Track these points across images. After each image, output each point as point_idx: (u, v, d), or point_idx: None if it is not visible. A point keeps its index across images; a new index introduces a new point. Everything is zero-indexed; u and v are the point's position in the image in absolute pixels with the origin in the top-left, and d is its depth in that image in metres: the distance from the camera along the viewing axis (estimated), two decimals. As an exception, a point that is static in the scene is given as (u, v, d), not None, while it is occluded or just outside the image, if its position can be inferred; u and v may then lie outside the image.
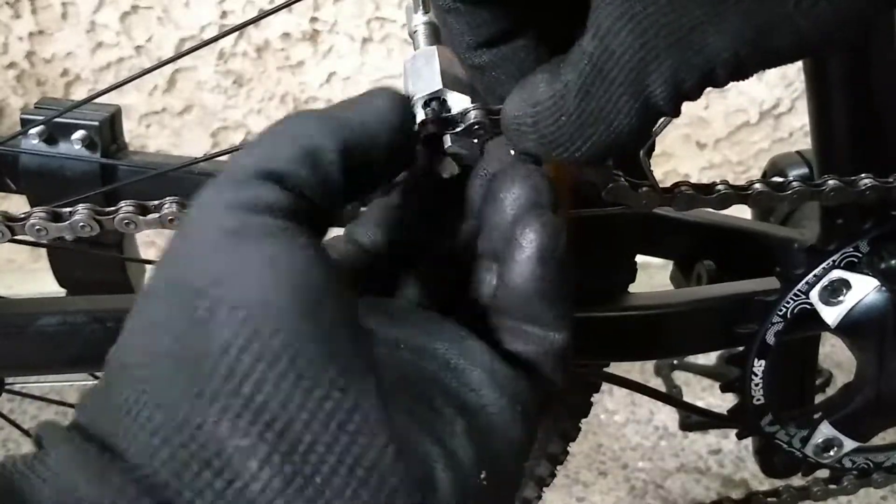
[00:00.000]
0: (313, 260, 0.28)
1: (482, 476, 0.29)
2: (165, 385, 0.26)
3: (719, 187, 0.45)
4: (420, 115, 0.36)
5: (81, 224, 0.42)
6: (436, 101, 0.36)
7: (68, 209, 0.42)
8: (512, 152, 0.35)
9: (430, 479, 0.27)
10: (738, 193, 0.45)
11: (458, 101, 0.36)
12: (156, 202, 0.42)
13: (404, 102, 0.33)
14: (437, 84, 0.36)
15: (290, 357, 0.25)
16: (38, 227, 0.41)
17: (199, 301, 0.26)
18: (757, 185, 0.45)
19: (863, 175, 0.48)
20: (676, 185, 0.44)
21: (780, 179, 0.46)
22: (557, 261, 0.32)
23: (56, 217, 0.42)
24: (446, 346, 0.32)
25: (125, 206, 0.42)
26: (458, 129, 0.35)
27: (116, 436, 0.26)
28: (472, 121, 0.35)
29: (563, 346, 0.33)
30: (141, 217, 0.42)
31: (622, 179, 0.42)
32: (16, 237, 0.42)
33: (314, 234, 0.29)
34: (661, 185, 0.45)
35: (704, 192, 0.45)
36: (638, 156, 0.49)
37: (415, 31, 0.39)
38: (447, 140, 0.35)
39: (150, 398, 0.26)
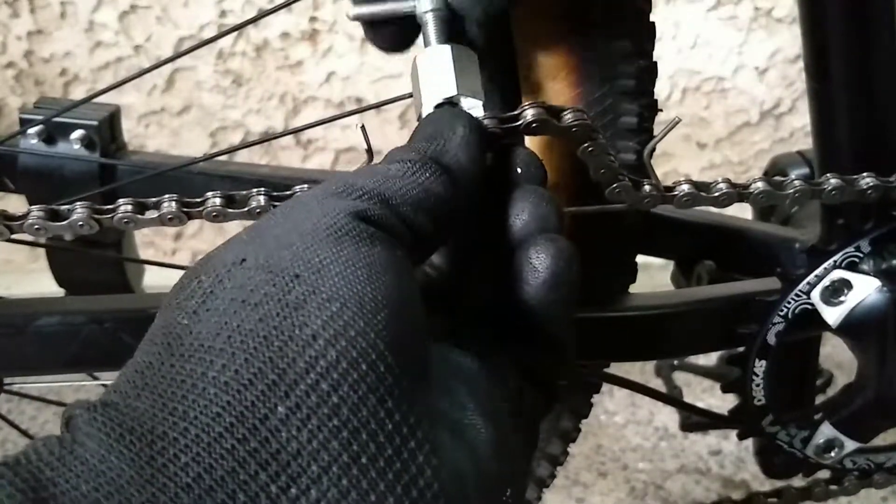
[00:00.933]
0: (407, 272, 0.28)
1: (507, 494, 0.28)
2: (239, 365, 0.24)
3: (720, 186, 0.44)
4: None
5: (80, 223, 0.41)
6: (448, 104, 0.35)
7: (67, 207, 0.42)
8: (519, 169, 0.35)
9: (461, 478, 0.26)
10: (740, 192, 0.45)
11: (471, 107, 0.36)
12: (154, 199, 0.42)
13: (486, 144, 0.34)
14: (452, 89, 0.36)
15: (370, 361, 0.25)
16: (36, 225, 0.41)
17: (296, 286, 0.26)
18: (758, 184, 0.45)
19: (864, 174, 0.48)
20: (678, 183, 0.44)
21: (782, 178, 0.46)
22: (570, 285, 0.33)
23: (55, 216, 0.42)
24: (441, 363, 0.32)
25: (124, 205, 0.42)
26: None
27: (166, 420, 0.24)
28: (489, 130, 0.35)
29: (561, 364, 0.34)
30: (139, 216, 0.41)
31: (625, 178, 0.42)
32: (14, 236, 0.42)
33: (410, 257, 0.29)
34: (662, 184, 0.45)
35: (705, 191, 0.44)
36: (642, 155, 0.49)
37: (424, 20, 0.38)
38: None
39: (218, 376, 0.24)
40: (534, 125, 0.37)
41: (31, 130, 0.61)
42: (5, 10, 1.16)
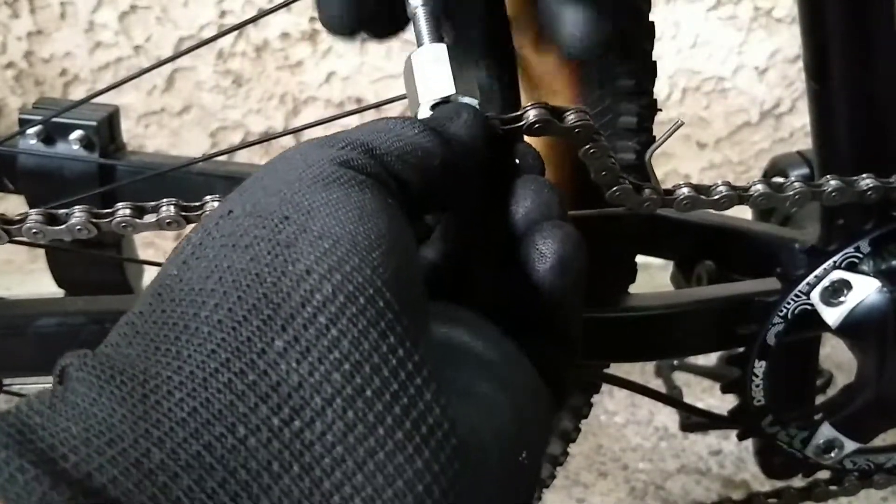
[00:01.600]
0: (399, 217, 0.28)
1: (523, 455, 0.28)
2: (232, 303, 0.24)
3: (720, 188, 0.44)
4: (425, 116, 0.35)
5: (78, 227, 0.41)
6: (445, 104, 0.35)
7: (65, 211, 0.42)
8: (518, 160, 0.35)
9: (477, 436, 0.26)
10: (740, 195, 0.45)
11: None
12: (153, 203, 0.42)
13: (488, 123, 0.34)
14: (449, 88, 0.35)
15: (368, 295, 0.24)
16: (34, 229, 0.41)
17: (286, 226, 0.25)
18: (758, 186, 0.45)
19: (864, 175, 0.48)
20: (678, 186, 0.44)
21: (782, 180, 0.46)
22: (578, 271, 0.32)
23: (53, 219, 0.41)
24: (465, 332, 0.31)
25: (122, 209, 0.42)
26: None
27: (159, 361, 0.23)
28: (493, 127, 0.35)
29: (571, 358, 0.33)
30: (138, 220, 0.41)
31: (626, 181, 0.42)
32: (13, 239, 0.42)
33: (401, 205, 0.29)
34: (662, 187, 0.45)
35: (705, 194, 0.44)
36: (642, 155, 0.49)
37: (414, 16, 0.37)
38: None
39: (210, 315, 0.23)
40: (536, 126, 0.37)
41: (31, 131, 0.61)
42: (5, 10, 1.16)
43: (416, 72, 0.36)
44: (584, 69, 0.47)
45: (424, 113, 0.35)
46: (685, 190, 0.44)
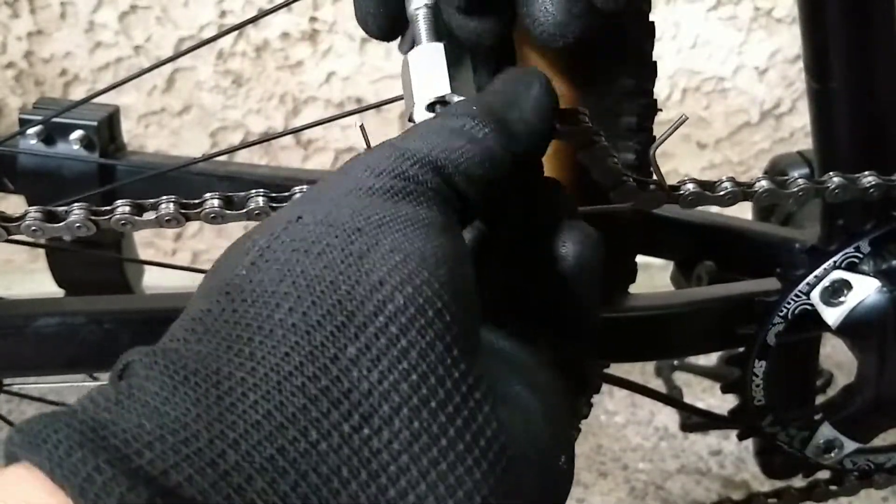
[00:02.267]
0: (461, 237, 0.28)
1: (562, 461, 0.28)
2: (307, 307, 0.24)
3: (725, 184, 0.44)
4: (421, 115, 0.35)
5: (78, 224, 0.41)
6: (440, 104, 0.35)
7: (64, 208, 0.42)
8: None
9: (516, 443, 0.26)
10: (744, 191, 0.45)
11: None
12: (152, 200, 0.42)
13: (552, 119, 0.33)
14: (445, 88, 0.35)
15: (436, 309, 0.25)
16: (34, 227, 0.41)
17: (358, 237, 0.26)
18: (763, 182, 0.45)
19: (866, 172, 0.48)
20: (682, 182, 0.44)
21: (786, 177, 0.46)
22: (597, 271, 0.33)
23: (52, 217, 0.41)
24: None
25: (121, 206, 0.42)
26: None
27: (232, 361, 0.23)
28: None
29: (589, 353, 0.34)
30: (137, 217, 0.41)
31: (630, 179, 0.42)
32: (12, 237, 0.42)
33: (460, 221, 0.29)
34: (667, 184, 0.44)
35: (710, 190, 0.44)
36: (642, 154, 0.49)
37: (415, 16, 0.37)
38: None
39: (285, 319, 0.24)
40: None
41: (31, 131, 0.61)
42: (5, 10, 1.16)
43: (413, 71, 0.36)
44: (584, 68, 0.47)
45: (420, 113, 0.35)
46: (690, 186, 0.44)
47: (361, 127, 0.40)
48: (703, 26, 1.24)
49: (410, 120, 0.36)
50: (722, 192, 0.44)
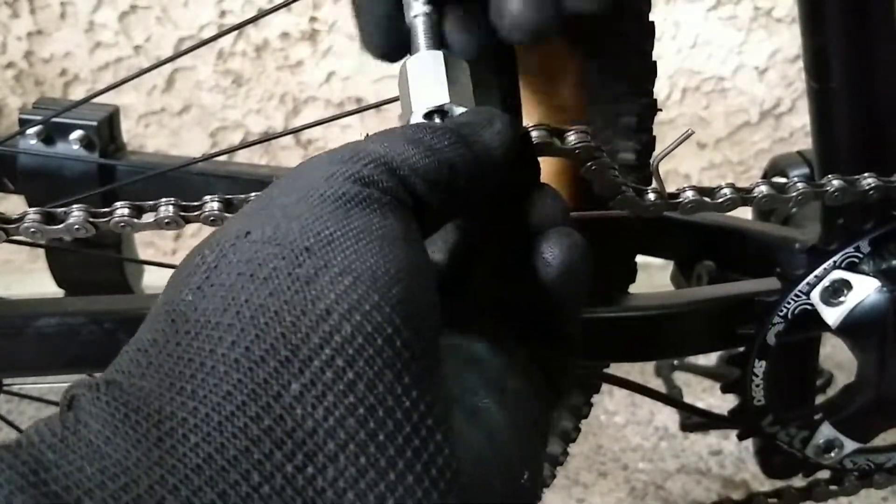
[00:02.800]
0: (419, 244, 0.27)
1: (525, 477, 0.28)
2: (250, 341, 0.23)
3: (724, 191, 0.44)
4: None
5: (76, 226, 0.41)
6: (438, 113, 0.34)
7: (63, 210, 0.41)
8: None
9: (481, 463, 0.26)
10: (743, 196, 0.45)
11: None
12: (151, 203, 0.42)
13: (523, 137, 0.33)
14: (444, 97, 0.34)
15: (386, 336, 0.24)
16: (32, 228, 0.41)
17: (306, 258, 0.25)
18: (762, 188, 0.45)
19: (866, 174, 0.48)
20: (682, 190, 0.44)
21: (785, 180, 0.46)
22: (583, 280, 0.32)
23: (51, 219, 0.41)
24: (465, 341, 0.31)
25: (120, 208, 0.42)
26: None
27: (174, 399, 0.23)
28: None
29: (571, 360, 0.34)
30: (136, 220, 0.41)
31: (629, 189, 0.42)
32: (12, 238, 0.42)
33: (420, 226, 0.29)
34: (666, 191, 0.45)
35: (710, 196, 0.45)
36: (642, 154, 0.49)
37: (414, 23, 0.37)
38: None
39: (228, 354, 0.23)
40: (537, 147, 0.37)
41: (31, 131, 0.61)
42: (5, 10, 1.16)
43: (411, 79, 0.35)
44: (583, 70, 0.47)
45: (417, 121, 0.34)
46: (690, 193, 0.44)
47: (367, 137, 0.40)
48: (703, 26, 1.24)
49: None
50: (721, 199, 0.45)
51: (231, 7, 1.17)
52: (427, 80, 0.35)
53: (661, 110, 0.51)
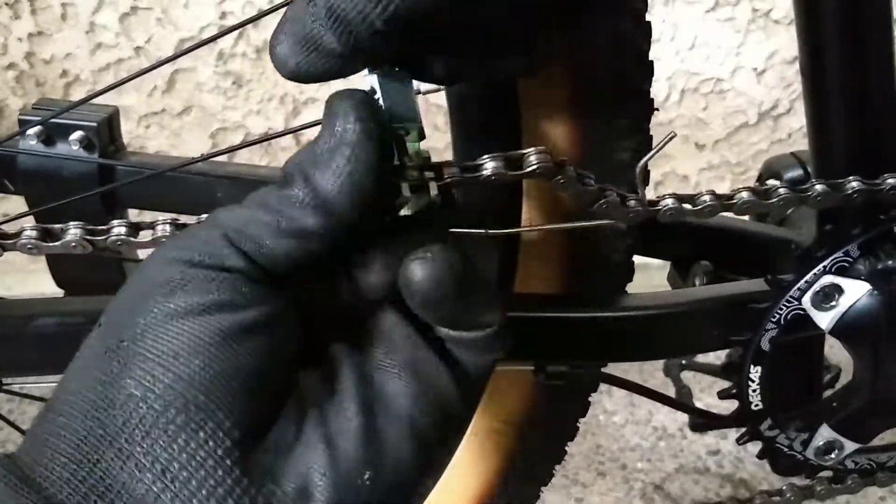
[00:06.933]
0: (242, 326, 0.31)
1: (366, 476, 0.31)
2: (80, 423, 0.30)
3: (704, 198, 0.45)
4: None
5: (73, 244, 0.43)
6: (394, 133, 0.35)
7: (60, 227, 0.43)
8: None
9: (305, 487, 0.30)
10: (723, 203, 0.45)
11: (413, 133, 0.35)
12: (149, 221, 0.43)
13: (378, 164, 0.32)
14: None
15: (183, 420, 0.29)
16: (29, 245, 0.42)
17: (120, 354, 0.30)
18: (743, 194, 0.45)
19: (850, 178, 0.48)
20: (661, 197, 0.45)
21: (767, 185, 0.46)
22: (452, 299, 0.33)
23: (48, 236, 0.42)
24: (383, 347, 0.34)
25: (117, 227, 0.43)
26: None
27: (35, 466, 0.29)
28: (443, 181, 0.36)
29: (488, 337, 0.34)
30: (132, 238, 0.43)
31: (612, 195, 0.43)
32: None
33: (266, 291, 0.32)
34: (647, 198, 0.45)
35: (690, 203, 0.45)
36: (638, 153, 0.49)
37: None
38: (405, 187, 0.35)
39: (67, 433, 0.30)
40: (493, 179, 0.38)
41: (31, 131, 0.61)
42: (6, 11, 1.16)
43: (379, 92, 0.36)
44: (577, 71, 0.48)
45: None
46: (669, 201, 0.44)
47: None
48: (702, 27, 1.24)
49: None
50: (701, 206, 0.45)
51: (231, 8, 1.18)
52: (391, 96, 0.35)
53: (657, 110, 0.51)
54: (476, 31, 0.36)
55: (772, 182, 0.47)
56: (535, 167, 0.40)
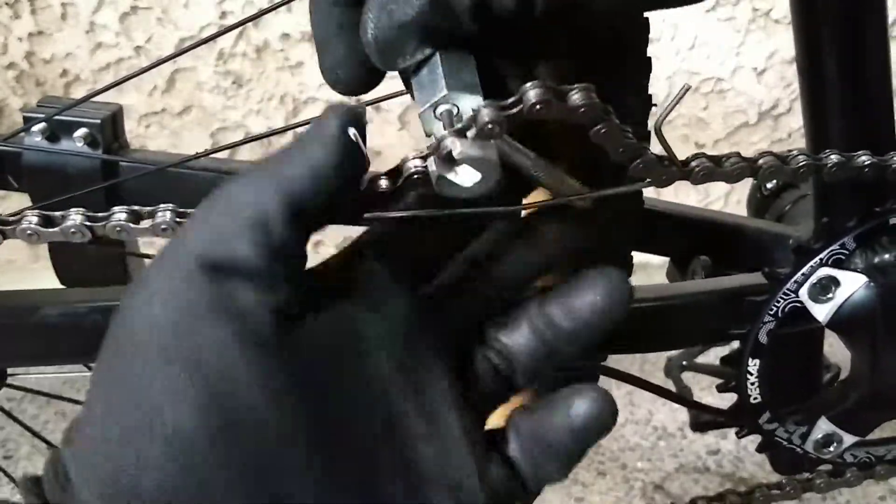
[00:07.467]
0: (250, 334, 0.30)
1: None
2: (106, 433, 0.29)
3: (732, 159, 0.43)
4: (433, 126, 0.34)
5: (73, 230, 0.42)
6: (445, 107, 0.34)
7: (61, 214, 0.42)
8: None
9: None
10: (752, 166, 0.44)
11: (469, 104, 0.34)
12: (149, 209, 0.43)
13: (341, 137, 0.33)
14: (441, 90, 0.34)
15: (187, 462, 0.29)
16: (29, 231, 0.42)
17: (140, 362, 0.29)
18: (767, 158, 0.44)
19: (860, 152, 0.47)
20: (695, 156, 0.42)
21: (786, 153, 0.46)
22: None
23: (48, 222, 0.42)
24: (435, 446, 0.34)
25: (118, 213, 0.43)
26: (471, 133, 0.33)
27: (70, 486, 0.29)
28: (484, 120, 0.32)
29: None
30: (133, 225, 0.42)
31: (649, 152, 0.39)
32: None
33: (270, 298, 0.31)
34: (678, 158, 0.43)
35: (718, 164, 0.43)
36: (653, 129, 0.48)
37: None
38: (456, 146, 0.32)
39: (99, 463, 0.29)
40: (537, 107, 0.33)
41: (35, 128, 0.61)
42: (6, 11, 1.17)
43: (414, 82, 0.36)
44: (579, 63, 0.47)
45: (428, 120, 0.35)
46: (703, 159, 0.42)
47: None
48: (702, 27, 1.24)
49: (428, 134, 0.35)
50: (731, 167, 0.43)
51: (231, 8, 1.18)
52: (426, 79, 0.35)
53: (655, 105, 0.51)
54: None
55: (794, 149, 0.47)
56: (581, 104, 0.34)
